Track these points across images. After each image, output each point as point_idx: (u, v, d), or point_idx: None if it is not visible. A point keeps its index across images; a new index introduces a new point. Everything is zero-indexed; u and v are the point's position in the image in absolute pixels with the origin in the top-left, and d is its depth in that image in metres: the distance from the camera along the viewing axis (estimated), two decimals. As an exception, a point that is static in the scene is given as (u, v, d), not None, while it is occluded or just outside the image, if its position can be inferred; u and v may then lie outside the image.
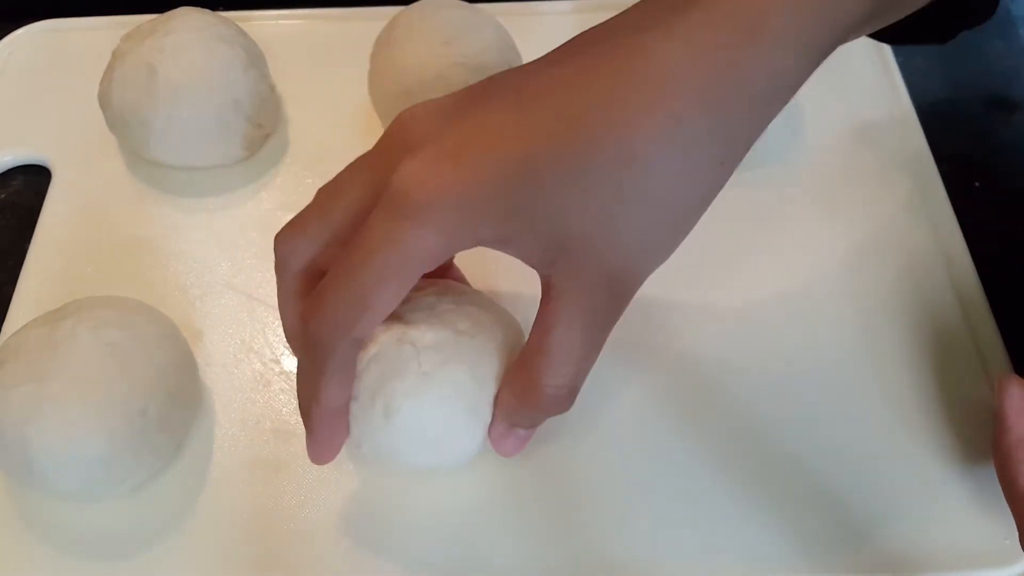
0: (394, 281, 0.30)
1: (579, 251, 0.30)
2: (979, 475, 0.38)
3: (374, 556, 0.37)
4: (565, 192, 0.29)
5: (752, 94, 0.29)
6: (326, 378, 0.32)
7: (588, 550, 0.37)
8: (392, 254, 0.29)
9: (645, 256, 0.31)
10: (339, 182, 0.33)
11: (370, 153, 0.32)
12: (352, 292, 0.30)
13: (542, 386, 0.32)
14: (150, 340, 0.38)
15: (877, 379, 0.41)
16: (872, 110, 0.50)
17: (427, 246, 0.29)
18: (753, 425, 0.40)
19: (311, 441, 0.34)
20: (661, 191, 0.29)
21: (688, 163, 0.29)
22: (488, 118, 0.29)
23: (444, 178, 0.29)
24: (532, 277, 0.45)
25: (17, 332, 0.38)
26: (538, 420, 0.34)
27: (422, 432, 0.35)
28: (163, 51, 0.45)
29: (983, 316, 0.43)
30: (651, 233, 0.30)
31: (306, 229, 0.33)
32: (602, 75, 0.29)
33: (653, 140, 0.28)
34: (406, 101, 0.45)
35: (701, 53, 0.28)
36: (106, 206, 0.48)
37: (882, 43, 0.53)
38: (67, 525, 0.38)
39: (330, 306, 0.30)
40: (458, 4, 0.47)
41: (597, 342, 0.32)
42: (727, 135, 0.30)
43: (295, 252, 0.33)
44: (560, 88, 0.29)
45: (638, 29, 0.29)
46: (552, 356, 0.31)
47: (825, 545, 0.37)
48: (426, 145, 0.29)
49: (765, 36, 0.29)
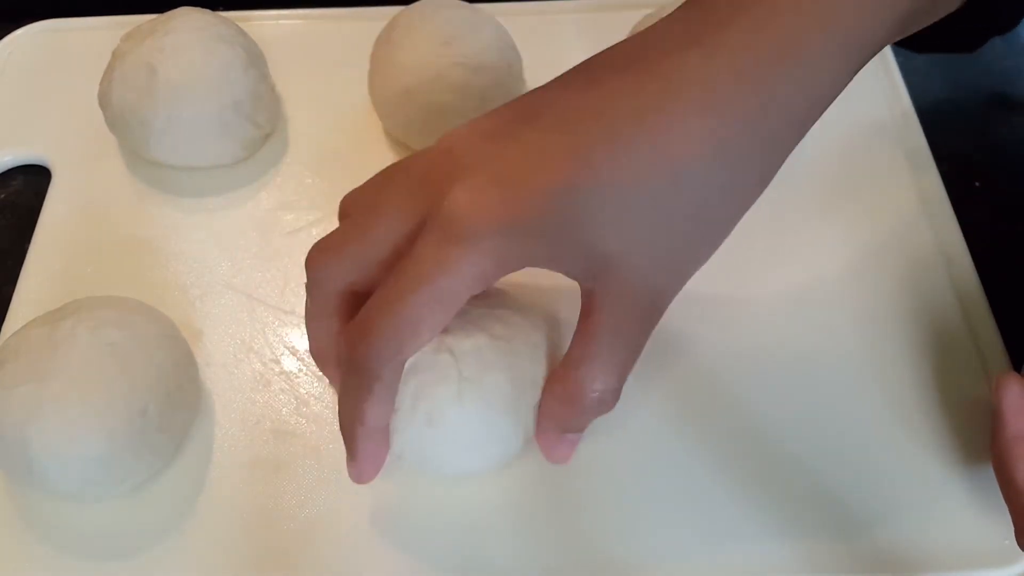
0: (444, 306, 0.30)
1: (622, 266, 0.30)
2: (979, 475, 0.38)
3: (374, 556, 0.37)
4: (610, 211, 0.29)
5: (792, 112, 0.30)
6: (372, 399, 0.32)
7: (588, 550, 0.37)
8: (443, 280, 0.30)
9: (684, 267, 0.32)
10: (378, 203, 0.33)
11: (409, 173, 0.32)
12: (402, 318, 0.30)
13: (588, 391, 0.32)
14: (150, 340, 0.38)
15: (877, 379, 0.41)
16: (872, 110, 0.50)
17: (479, 271, 0.30)
18: (753, 425, 0.40)
19: (355, 461, 0.34)
20: (704, 209, 0.30)
21: (731, 182, 0.30)
22: (533, 141, 0.30)
23: (494, 204, 0.29)
24: (544, 274, 0.45)
25: (17, 332, 0.38)
26: (586, 423, 0.35)
27: (466, 438, 0.35)
28: (163, 51, 0.45)
29: (983, 316, 0.43)
30: (692, 247, 0.31)
31: (343, 250, 0.33)
32: (646, 95, 0.29)
33: (698, 160, 0.29)
34: (406, 101, 0.46)
35: (743, 75, 0.29)
36: (106, 206, 0.48)
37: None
38: (67, 525, 0.38)
39: (378, 331, 0.31)
40: (458, 4, 0.47)
41: (638, 346, 0.33)
42: (767, 153, 0.30)
43: (332, 273, 0.33)
44: (603, 108, 0.29)
45: (679, 47, 0.29)
46: (596, 363, 0.32)
47: (825, 545, 0.37)
48: (474, 170, 0.30)
49: (805, 55, 0.29)
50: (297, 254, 0.46)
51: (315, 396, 0.41)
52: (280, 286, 0.45)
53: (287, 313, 0.44)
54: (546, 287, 0.44)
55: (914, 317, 0.43)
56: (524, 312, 0.38)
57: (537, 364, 0.36)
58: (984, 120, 0.52)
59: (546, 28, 0.54)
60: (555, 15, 0.55)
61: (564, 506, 0.38)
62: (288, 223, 0.47)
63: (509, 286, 0.44)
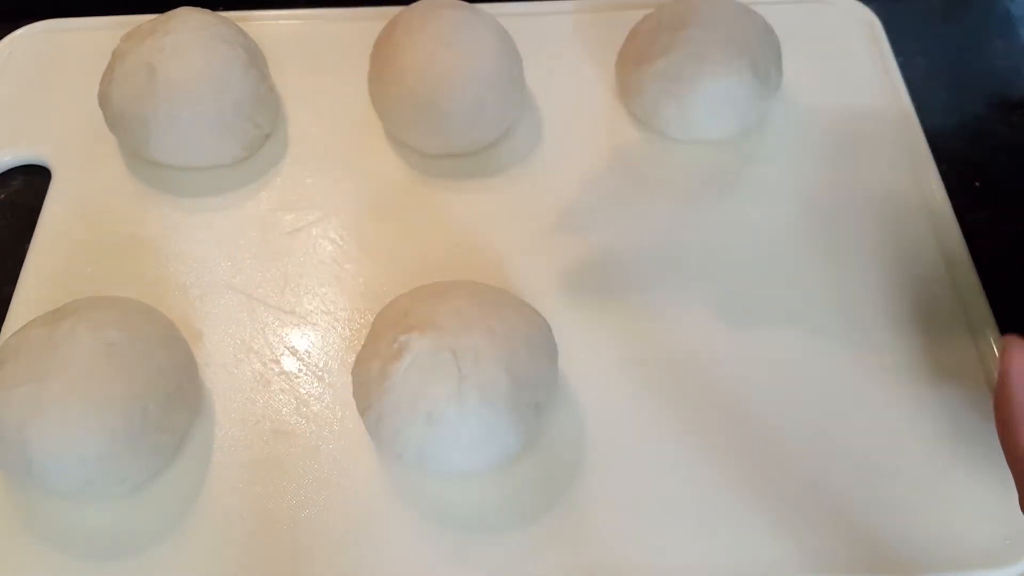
0: None
1: None
2: (979, 475, 0.38)
3: (375, 556, 0.37)
4: None
5: None
6: None
7: (589, 550, 0.37)
8: None
9: None
10: None
11: None
12: None
13: None
14: (150, 340, 0.38)
15: (877, 380, 0.41)
16: (872, 110, 0.50)
17: None
18: (753, 426, 0.40)
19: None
20: None
21: None
22: None
23: None
24: (536, 272, 0.45)
25: (17, 332, 0.38)
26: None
27: (466, 436, 0.35)
28: (163, 51, 0.45)
29: (983, 316, 0.43)
30: None
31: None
32: None
33: None
34: (406, 101, 0.46)
35: None
36: (106, 206, 0.48)
37: (882, 43, 0.53)
38: (67, 525, 0.38)
39: None
40: (458, 4, 0.47)
41: None
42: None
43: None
44: None
45: None
46: None
47: (825, 545, 0.37)
48: None
49: None
50: (297, 254, 0.46)
51: (315, 396, 0.41)
52: (280, 286, 0.45)
53: (287, 313, 0.44)
54: (546, 286, 0.44)
55: (914, 317, 0.43)
56: (519, 308, 0.38)
57: (536, 361, 0.36)
58: (984, 120, 0.52)
59: (546, 29, 0.54)
60: (555, 16, 0.55)
61: (564, 506, 0.38)
62: (288, 223, 0.47)
63: (509, 285, 0.44)
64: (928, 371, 0.41)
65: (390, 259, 0.46)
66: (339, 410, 0.41)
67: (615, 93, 0.51)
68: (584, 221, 0.47)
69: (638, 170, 0.48)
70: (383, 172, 0.49)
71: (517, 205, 0.47)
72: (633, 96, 0.49)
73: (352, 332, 0.43)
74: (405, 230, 0.47)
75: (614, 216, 0.47)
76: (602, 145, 0.50)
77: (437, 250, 0.46)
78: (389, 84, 0.46)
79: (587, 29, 0.54)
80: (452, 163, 0.49)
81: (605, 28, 0.53)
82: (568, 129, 0.50)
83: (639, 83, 0.48)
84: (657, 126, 0.49)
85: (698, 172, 0.48)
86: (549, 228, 0.46)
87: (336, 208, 0.48)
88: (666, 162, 0.49)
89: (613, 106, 0.51)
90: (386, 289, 0.44)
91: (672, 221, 0.46)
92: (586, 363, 0.42)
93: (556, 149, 0.50)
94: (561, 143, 0.50)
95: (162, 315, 0.41)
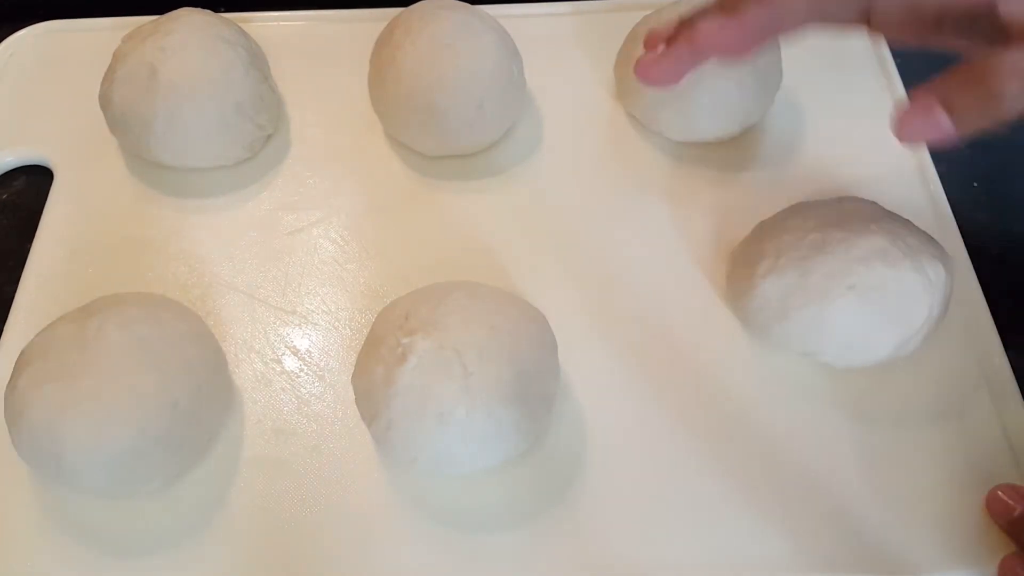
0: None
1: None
2: (979, 476, 0.38)
3: (375, 555, 0.37)
4: None
5: None
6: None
7: (589, 550, 0.37)
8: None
9: None
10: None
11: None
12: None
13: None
14: (179, 336, 0.38)
15: (877, 380, 0.41)
16: (872, 111, 0.50)
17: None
18: (753, 427, 0.40)
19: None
20: None
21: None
22: None
23: None
24: (538, 274, 0.45)
25: (44, 330, 0.38)
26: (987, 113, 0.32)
27: (477, 432, 0.35)
28: (164, 52, 0.45)
29: (983, 317, 0.43)
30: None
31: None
32: None
33: None
34: (406, 102, 0.46)
35: None
36: (108, 206, 0.48)
37: (882, 43, 0.53)
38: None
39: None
40: (458, 5, 0.47)
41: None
42: None
43: None
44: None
45: None
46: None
47: (825, 545, 0.37)
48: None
49: None
50: (298, 254, 0.46)
51: (316, 396, 0.41)
52: (281, 286, 0.45)
53: (288, 313, 0.44)
54: (546, 286, 0.44)
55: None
56: (517, 304, 0.38)
57: (539, 353, 0.36)
58: (984, 120, 0.52)
59: (546, 30, 0.54)
60: (555, 16, 0.55)
61: (564, 507, 0.38)
62: (289, 223, 0.47)
63: (509, 285, 0.44)
64: (927, 373, 0.41)
65: (391, 259, 0.46)
66: (340, 410, 0.41)
67: (615, 93, 0.51)
68: (584, 221, 0.47)
69: (638, 170, 0.49)
70: (384, 173, 0.49)
71: (517, 205, 0.47)
72: (633, 97, 0.49)
73: (353, 332, 0.43)
74: (406, 230, 0.47)
75: (614, 216, 0.47)
76: (602, 145, 0.50)
77: (437, 250, 0.46)
78: (389, 85, 0.46)
79: (587, 29, 0.54)
80: (452, 164, 0.49)
81: (605, 28, 0.53)
82: (568, 129, 0.50)
83: (638, 83, 0.48)
84: (657, 127, 0.49)
85: (698, 173, 0.48)
86: (549, 228, 0.47)
87: (337, 208, 0.48)
88: (666, 163, 0.49)
89: (613, 106, 0.51)
90: (387, 289, 0.44)
91: (672, 222, 0.46)
92: (587, 363, 0.42)
93: (556, 149, 0.50)
94: (561, 143, 0.50)
95: (190, 311, 0.41)
